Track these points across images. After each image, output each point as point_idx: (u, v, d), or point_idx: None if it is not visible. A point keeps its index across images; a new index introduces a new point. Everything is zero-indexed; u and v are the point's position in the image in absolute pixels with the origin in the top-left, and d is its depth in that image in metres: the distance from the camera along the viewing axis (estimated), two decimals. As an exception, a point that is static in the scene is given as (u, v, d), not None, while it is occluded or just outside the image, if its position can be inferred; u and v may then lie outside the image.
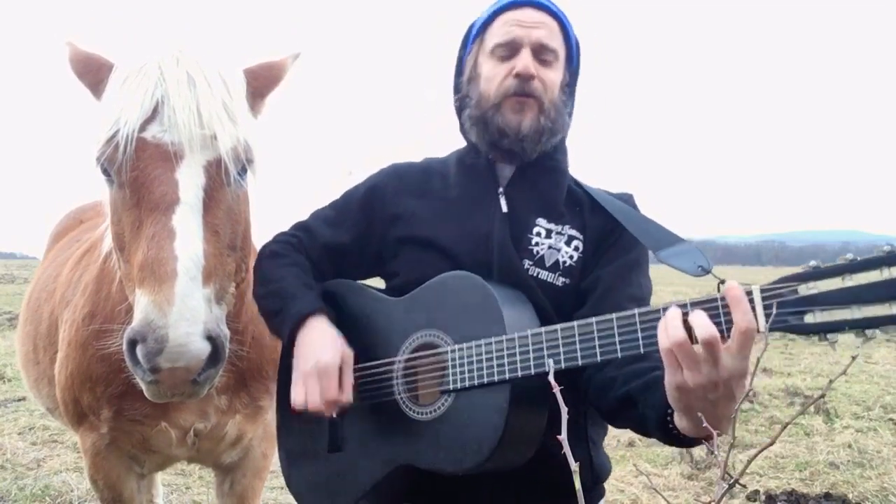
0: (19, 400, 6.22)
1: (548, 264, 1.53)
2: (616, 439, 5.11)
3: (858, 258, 1.03)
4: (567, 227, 1.57)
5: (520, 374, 1.29)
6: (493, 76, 1.57)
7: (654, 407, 1.22)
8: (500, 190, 1.60)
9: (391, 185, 1.70)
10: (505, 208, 1.58)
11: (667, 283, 24.86)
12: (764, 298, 1.08)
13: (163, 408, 1.92)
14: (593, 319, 1.23)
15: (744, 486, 3.85)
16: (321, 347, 1.47)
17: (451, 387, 1.39)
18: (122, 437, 2.00)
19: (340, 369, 1.47)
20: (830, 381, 1.05)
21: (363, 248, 1.70)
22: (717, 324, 1.08)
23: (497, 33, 1.58)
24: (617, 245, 1.54)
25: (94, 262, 2.09)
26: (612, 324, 1.21)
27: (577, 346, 1.24)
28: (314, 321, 1.51)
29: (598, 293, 1.50)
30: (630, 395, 1.31)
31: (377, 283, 1.74)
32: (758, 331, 1.07)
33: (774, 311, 1.06)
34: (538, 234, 1.56)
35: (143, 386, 1.34)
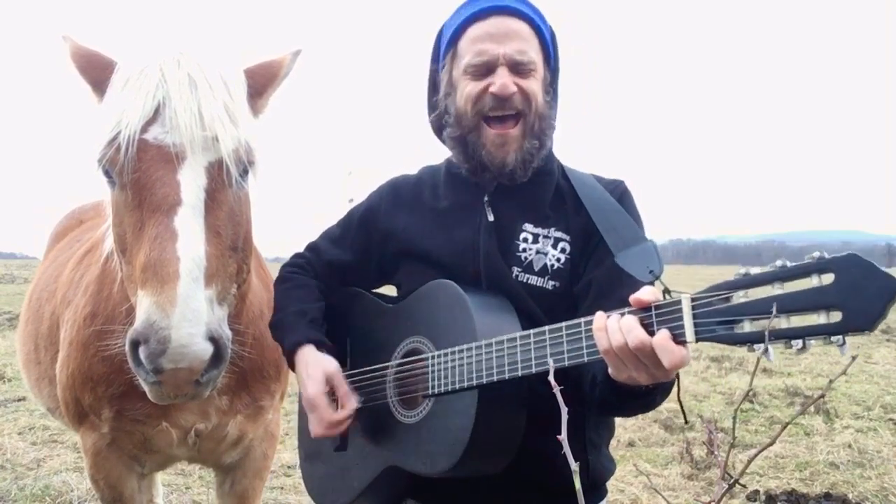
0: (19, 400, 6.22)
1: (536, 269, 1.53)
2: (616, 439, 5.11)
3: (789, 264, 1.00)
4: (553, 229, 1.56)
5: (485, 380, 1.33)
6: (468, 94, 1.53)
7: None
8: (486, 199, 1.59)
9: (385, 203, 1.74)
10: (491, 217, 1.58)
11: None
12: (694, 307, 1.07)
13: (164, 408, 1.92)
14: (546, 328, 1.27)
15: (744, 486, 3.85)
16: (304, 384, 1.55)
17: (429, 392, 1.44)
18: (123, 436, 2.00)
19: (332, 388, 1.54)
20: (830, 381, 1.04)
21: (364, 265, 1.77)
22: (650, 325, 1.11)
23: (469, 51, 1.54)
24: (603, 243, 1.50)
25: (95, 263, 2.09)
26: (562, 332, 1.24)
27: (532, 355, 1.28)
28: (300, 354, 1.58)
29: (589, 299, 1.49)
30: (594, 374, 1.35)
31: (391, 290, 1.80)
32: (686, 342, 1.08)
33: (702, 321, 1.06)
34: (525, 241, 1.55)
35: (145, 387, 1.34)
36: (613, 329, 1.13)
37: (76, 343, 1.99)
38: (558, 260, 1.54)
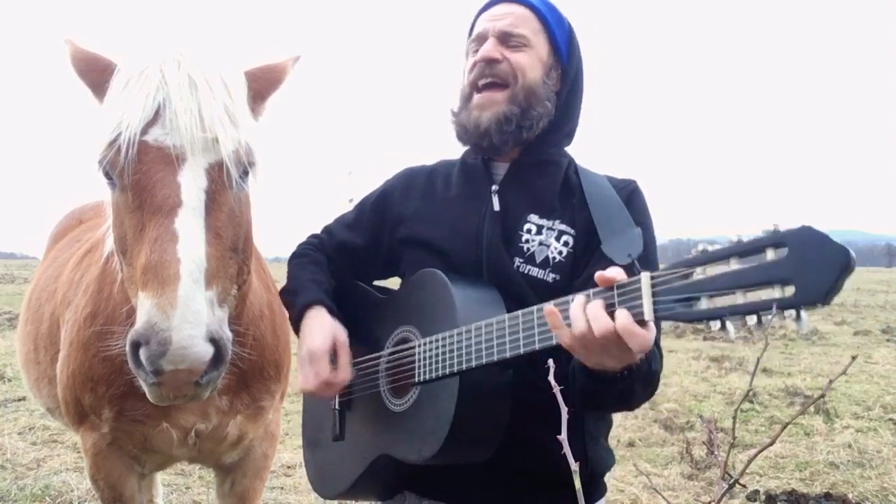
0: (19, 400, 6.22)
1: (538, 261, 1.54)
2: (616, 439, 5.12)
3: (744, 239, 0.99)
4: (557, 222, 1.57)
5: (464, 366, 1.35)
6: (466, 68, 1.64)
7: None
8: (494, 188, 1.62)
9: (399, 189, 1.78)
10: (497, 206, 1.60)
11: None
12: (653, 286, 1.07)
13: (164, 408, 1.92)
14: (519, 313, 1.28)
15: (744, 486, 3.85)
16: (311, 336, 1.57)
17: (416, 380, 1.47)
18: (123, 436, 2.01)
19: (336, 352, 1.56)
20: (830, 381, 1.04)
21: (375, 249, 1.79)
22: (611, 305, 1.12)
23: (473, 35, 1.66)
24: None
25: (95, 263, 2.10)
26: (533, 316, 1.25)
27: (507, 339, 1.29)
28: (312, 311, 1.62)
29: None
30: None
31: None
32: (644, 321, 1.08)
33: (659, 299, 1.06)
34: (529, 231, 1.57)
35: (145, 388, 1.34)
36: (577, 317, 1.14)
37: (76, 343, 1.99)
38: (560, 253, 1.54)
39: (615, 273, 1.14)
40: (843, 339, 10.84)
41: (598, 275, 1.14)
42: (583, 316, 1.14)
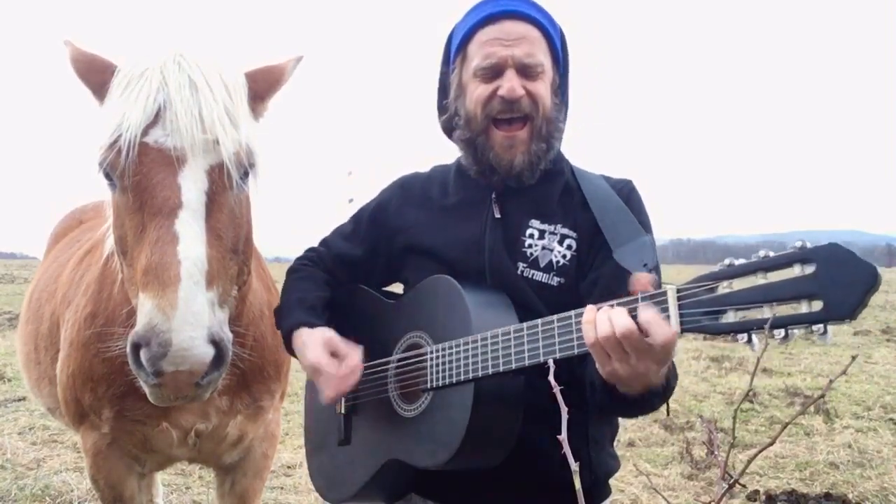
0: (19, 400, 6.22)
1: (542, 265, 1.55)
2: (616, 439, 5.10)
3: (772, 255, 1.01)
4: (559, 226, 1.57)
5: (480, 373, 1.36)
6: (478, 97, 1.55)
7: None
8: (493, 196, 1.61)
9: (395, 200, 1.77)
10: (498, 213, 1.60)
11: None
12: (679, 298, 1.09)
13: (164, 408, 1.92)
14: (539, 321, 1.29)
15: (744, 486, 3.85)
16: (303, 356, 1.57)
17: (428, 385, 1.47)
18: (123, 436, 2.01)
19: (333, 351, 1.54)
20: (830, 381, 1.04)
21: (373, 261, 1.78)
22: (636, 316, 1.13)
23: (478, 54, 1.56)
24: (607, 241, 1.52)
25: (95, 263, 2.10)
26: (554, 325, 1.26)
27: (525, 348, 1.30)
28: (296, 335, 1.61)
29: (594, 297, 1.48)
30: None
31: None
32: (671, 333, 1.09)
33: (685, 311, 1.08)
34: (531, 236, 1.57)
35: (146, 389, 1.34)
36: (602, 320, 1.16)
37: (76, 343, 1.99)
38: (564, 256, 1.55)
39: (646, 279, 1.16)
40: (843, 339, 10.84)
41: (631, 280, 1.17)
42: (606, 319, 1.15)
